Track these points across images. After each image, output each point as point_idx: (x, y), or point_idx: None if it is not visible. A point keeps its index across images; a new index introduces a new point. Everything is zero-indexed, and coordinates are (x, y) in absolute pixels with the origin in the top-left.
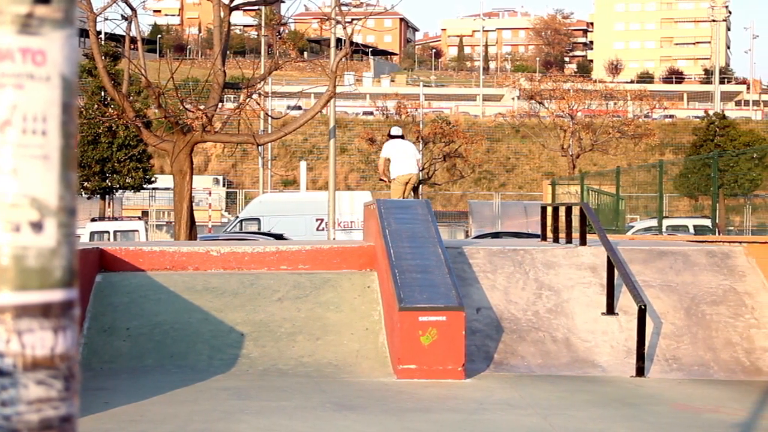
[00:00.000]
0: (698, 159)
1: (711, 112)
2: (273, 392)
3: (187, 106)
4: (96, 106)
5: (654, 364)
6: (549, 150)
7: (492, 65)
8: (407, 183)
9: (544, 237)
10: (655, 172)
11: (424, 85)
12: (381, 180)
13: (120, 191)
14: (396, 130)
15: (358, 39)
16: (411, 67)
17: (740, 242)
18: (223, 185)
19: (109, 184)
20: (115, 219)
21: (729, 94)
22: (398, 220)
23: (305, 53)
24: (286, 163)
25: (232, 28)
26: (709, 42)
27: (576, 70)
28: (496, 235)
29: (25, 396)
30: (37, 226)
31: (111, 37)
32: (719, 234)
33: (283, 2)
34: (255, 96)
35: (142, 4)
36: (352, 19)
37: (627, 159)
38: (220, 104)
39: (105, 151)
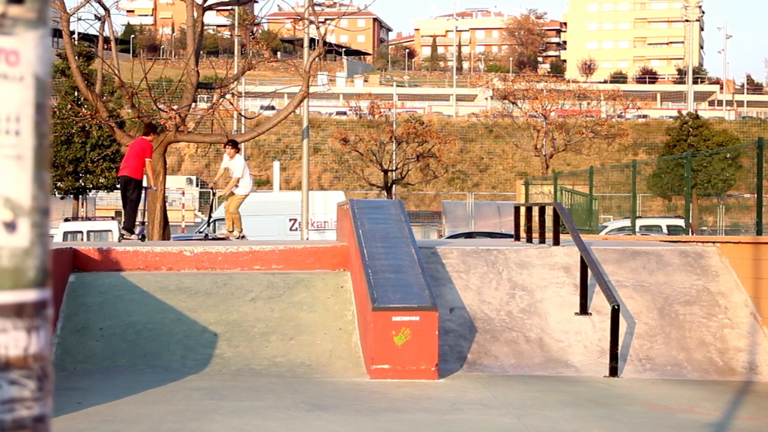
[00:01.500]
0: (671, 159)
1: (684, 112)
2: (246, 392)
3: (160, 106)
4: (69, 106)
5: (627, 364)
6: (522, 150)
7: (465, 65)
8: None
9: (517, 237)
10: (629, 172)
11: (398, 85)
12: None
13: (93, 191)
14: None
15: (331, 39)
16: (384, 67)
17: (713, 242)
18: (197, 185)
19: (83, 184)
20: (88, 219)
21: (702, 94)
22: (371, 220)
23: (278, 53)
24: (259, 163)
25: (206, 28)
26: (683, 42)
27: (549, 70)
28: (469, 235)
29: None
30: (11, 226)
31: (84, 37)
32: (692, 234)
33: (257, 2)
34: (228, 96)
35: (116, 4)
36: (326, 19)
37: (600, 159)
38: (193, 104)
39: (78, 151)
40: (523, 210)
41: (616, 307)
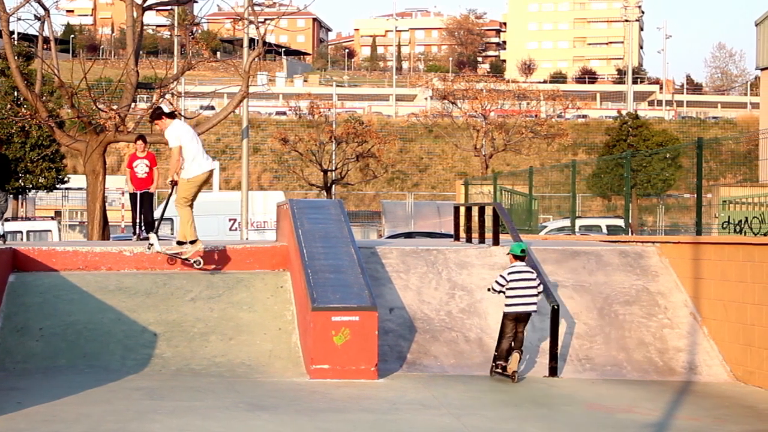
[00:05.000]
0: (611, 159)
1: (624, 112)
2: (186, 392)
3: (100, 106)
4: (9, 106)
5: (567, 364)
6: (462, 150)
7: (405, 65)
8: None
9: (457, 237)
10: (568, 172)
11: (337, 85)
12: (172, 183)
13: (33, 191)
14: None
15: (271, 39)
16: (324, 67)
17: (653, 242)
18: None
19: (22, 184)
20: (27, 219)
21: (642, 94)
22: (311, 220)
23: (218, 53)
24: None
25: (145, 28)
26: (622, 42)
27: (489, 70)
28: (409, 235)
29: None
30: None
31: (24, 37)
32: (632, 234)
33: (196, 2)
34: (168, 96)
35: (55, 4)
36: (265, 19)
37: (540, 159)
38: (133, 104)
39: (18, 151)
40: (462, 210)
41: (555, 307)
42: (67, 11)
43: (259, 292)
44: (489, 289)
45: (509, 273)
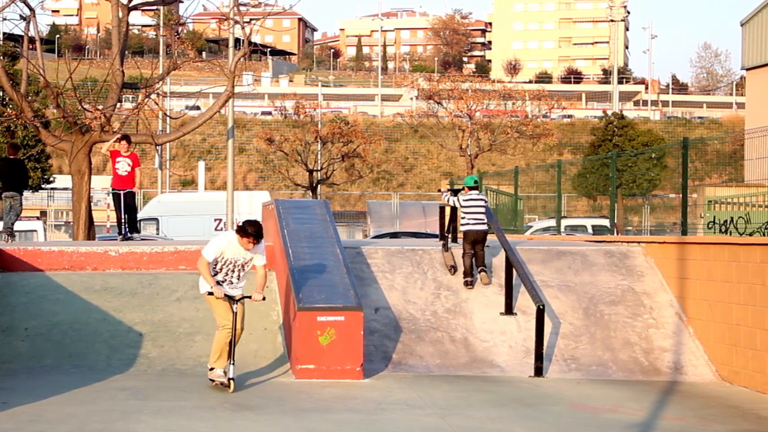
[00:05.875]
0: (596, 159)
1: (609, 112)
2: (172, 392)
3: (85, 106)
4: None
5: (552, 364)
6: (447, 150)
7: (390, 65)
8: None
9: (442, 237)
10: (554, 172)
11: (323, 85)
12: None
13: None
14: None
15: (256, 39)
16: (309, 67)
17: (639, 242)
18: None
19: None
20: None
21: (627, 94)
22: (297, 220)
23: (204, 53)
24: (184, 163)
25: (131, 28)
26: (608, 42)
27: (474, 70)
28: (394, 235)
29: None
30: None
31: (9, 37)
32: (618, 234)
33: (182, 2)
34: (153, 96)
35: (41, 4)
36: (251, 19)
37: (525, 159)
38: (118, 104)
39: (3, 152)
40: (448, 210)
41: (541, 307)
42: (53, 11)
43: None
44: (445, 198)
45: (465, 199)
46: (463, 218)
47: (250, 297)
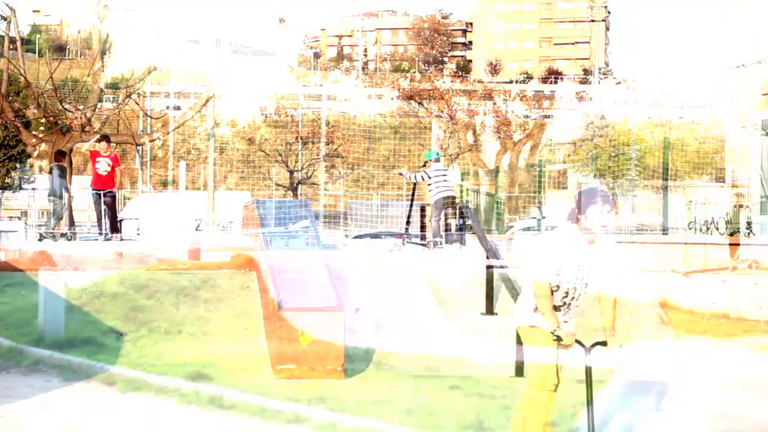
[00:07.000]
0: (578, 159)
1: (590, 112)
2: (151, 391)
3: (66, 107)
4: None
5: None
6: (428, 150)
7: (371, 65)
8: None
9: (423, 237)
10: (534, 172)
11: (303, 85)
12: None
13: None
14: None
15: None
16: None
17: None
18: None
19: None
20: None
21: (609, 94)
22: (277, 220)
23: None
24: (165, 163)
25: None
26: (589, 42)
27: (455, 70)
28: (375, 235)
29: None
30: None
31: None
32: None
33: None
34: (134, 96)
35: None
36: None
37: (506, 159)
38: (99, 104)
39: None
40: (429, 210)
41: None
42: (33, 11)
43: (226, 292)
44: (411, 177)
45: (432, 171)
46: (433, 188)
47: (604, 343)
